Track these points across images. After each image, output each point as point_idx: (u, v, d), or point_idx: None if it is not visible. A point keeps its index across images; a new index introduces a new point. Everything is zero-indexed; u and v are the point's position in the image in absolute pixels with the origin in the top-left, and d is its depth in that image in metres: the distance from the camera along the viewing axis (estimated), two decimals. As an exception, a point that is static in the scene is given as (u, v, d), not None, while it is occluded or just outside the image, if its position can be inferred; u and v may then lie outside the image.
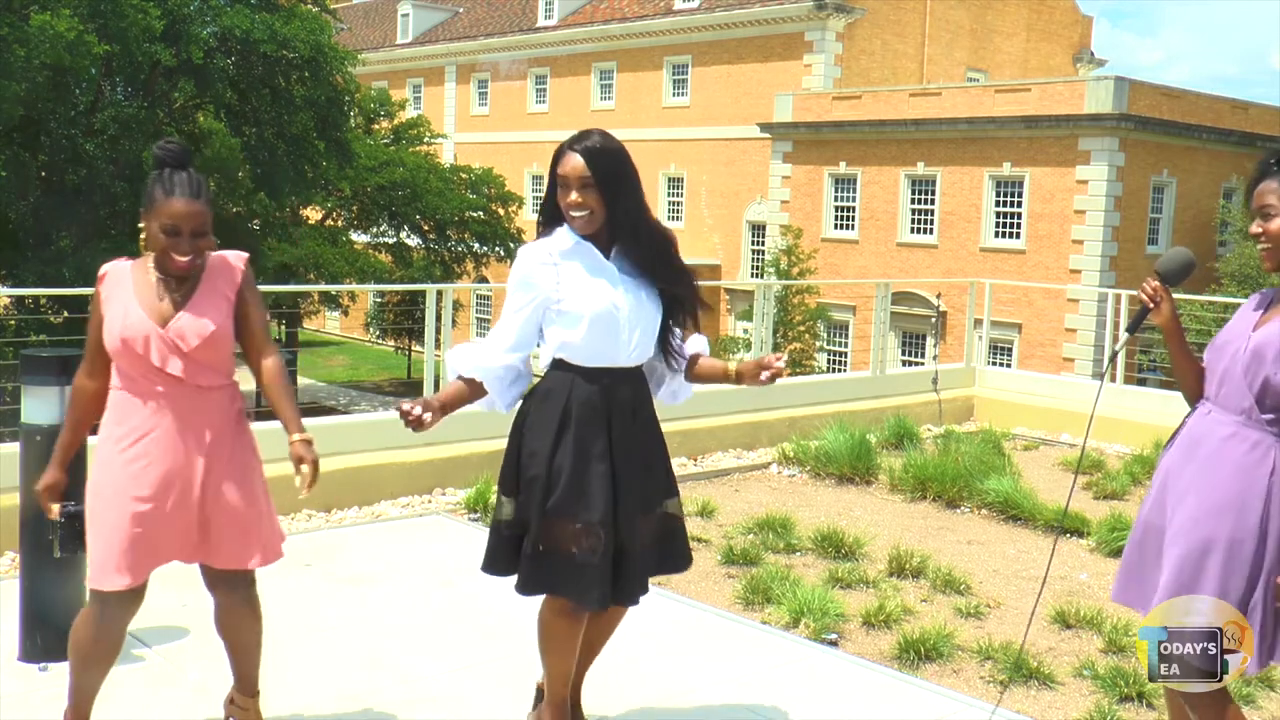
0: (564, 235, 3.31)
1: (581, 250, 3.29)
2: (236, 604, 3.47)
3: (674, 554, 3.51)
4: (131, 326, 3.18)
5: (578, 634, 3.38)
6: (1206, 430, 3.03)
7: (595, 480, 3.24)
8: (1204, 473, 2.99)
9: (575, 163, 3.23)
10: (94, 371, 3.28)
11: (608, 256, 3.31)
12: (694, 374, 3.56)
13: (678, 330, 3.46)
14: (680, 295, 3.42)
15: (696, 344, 3.56)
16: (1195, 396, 3.16)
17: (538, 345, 3.36)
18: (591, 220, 3.26)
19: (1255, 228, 3.03)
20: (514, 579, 3.35)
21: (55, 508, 3.32)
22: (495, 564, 3.40)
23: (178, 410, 3.22)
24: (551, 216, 3.35)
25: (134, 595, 3.23)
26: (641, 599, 3.41)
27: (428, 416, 3.15)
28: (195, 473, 3.25)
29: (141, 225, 3.24)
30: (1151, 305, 3.15)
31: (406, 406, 3.15)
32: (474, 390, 3.34)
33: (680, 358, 3.49)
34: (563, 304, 3.25)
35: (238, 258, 3.38)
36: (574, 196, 3.24)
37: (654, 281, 3.35)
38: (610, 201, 3.26)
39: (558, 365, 3.33)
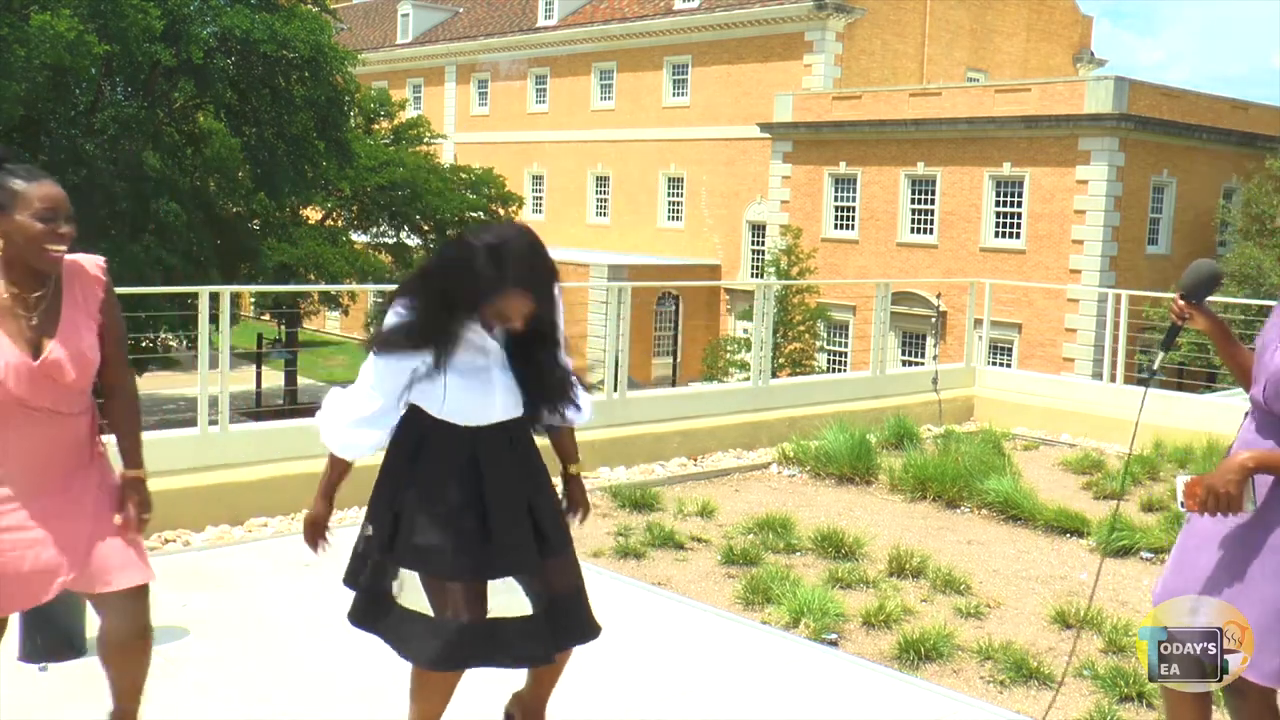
0: None
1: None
2: (135, 630, 3.17)
3: (579, 623, 3.21)
4: None
5: (453, 685, 3.16)
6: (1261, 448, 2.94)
7: (466, 532, 3.02)
8: (1273, 494, 2.90)
9: (526, 302, 2.96)
10: None
11: (490, 331, 3.06)
12: (551, 438, 3.32)
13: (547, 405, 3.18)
14: (553, 387, 3.14)
15: (577, 417, 3.26)
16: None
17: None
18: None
19: None
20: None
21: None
22: (365, 618, 3.20)
23: (38, 439, 2.94)
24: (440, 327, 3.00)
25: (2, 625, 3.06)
26: (583, 643, 3.22)
27: (327, 542, 3.34)
28: (65, 504, 3.00)
29: None
30: (1180, 323, 3.17)
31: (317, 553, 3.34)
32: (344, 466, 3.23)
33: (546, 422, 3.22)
34: (430, 376, 3.01)
35: (95, 264, 3.07)
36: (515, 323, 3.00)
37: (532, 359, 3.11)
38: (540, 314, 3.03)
39: (419, 411, 3.08)
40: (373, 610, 3.16)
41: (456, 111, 49.70)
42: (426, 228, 35.93)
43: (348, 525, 6.45)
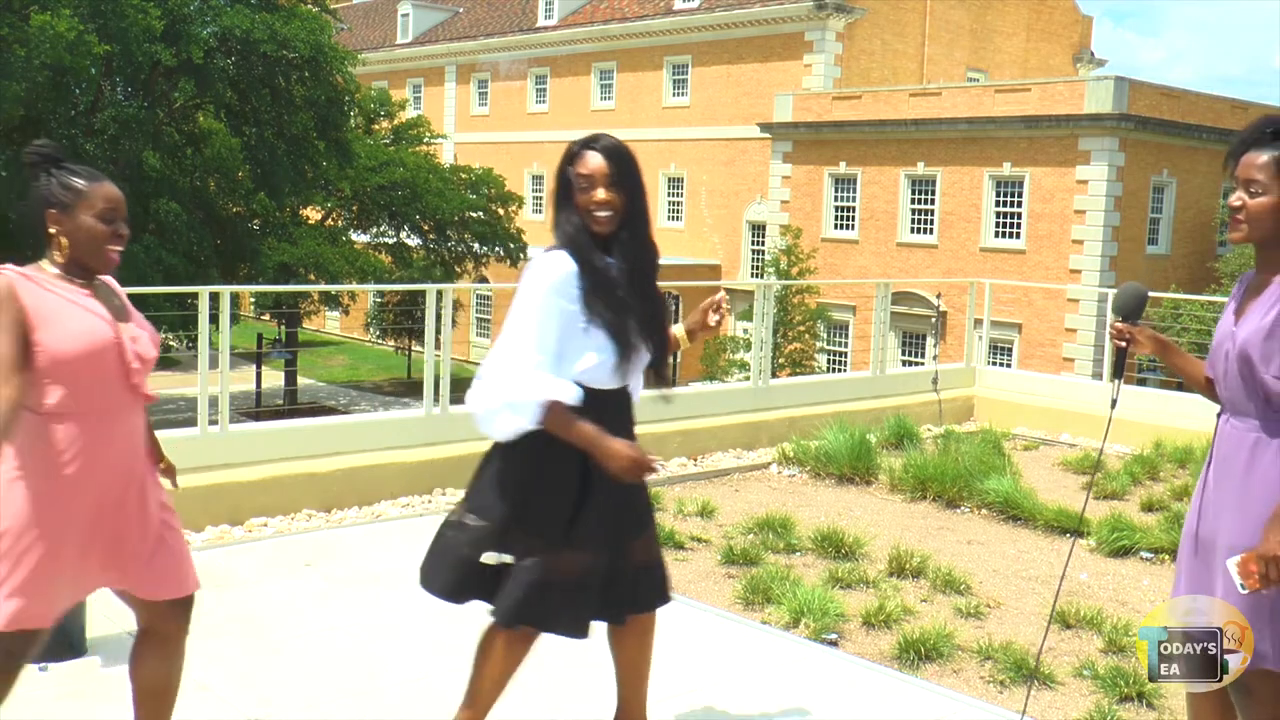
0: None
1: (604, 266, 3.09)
2: (180, 637, 3.12)
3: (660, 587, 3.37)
4: (97, 334, 2.87)
5: (524, 659, 3.22)
6: (1235, 441, 2.97)
7: (608, 504, 3.11)
8: (1243, 487, 2.91)
9: (597, 161, 3.08)
10: (14, 386, 2.78)
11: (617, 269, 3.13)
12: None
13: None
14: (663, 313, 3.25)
15: None
16: (1212, 397, 3.17)
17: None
18: (614, 219, 3.08)
19: (1235, 200, 2.94)
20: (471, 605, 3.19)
21: None
22: (465, 590, 3.21)
23: (119, 430, 2.95)
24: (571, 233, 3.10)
25: (48, 631, 2.98)
26: (660, 607, 3.35)
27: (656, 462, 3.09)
28: (132, 498, 2.99)
29: (54, 229, 2.93)
30: (1123, 345, 3.24)
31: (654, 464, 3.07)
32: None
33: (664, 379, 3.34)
34: (590, 323, 3.03)
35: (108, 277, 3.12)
36: (600, 194, 3.06)
37: (648, 295, 3.19)
38: (630, 202, 3.11)
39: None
40: (477, 583, 3.21)
41: (456, 111, 49.69)
42: (426, 228, 35.92)
43: (347, 525, 6.46)
